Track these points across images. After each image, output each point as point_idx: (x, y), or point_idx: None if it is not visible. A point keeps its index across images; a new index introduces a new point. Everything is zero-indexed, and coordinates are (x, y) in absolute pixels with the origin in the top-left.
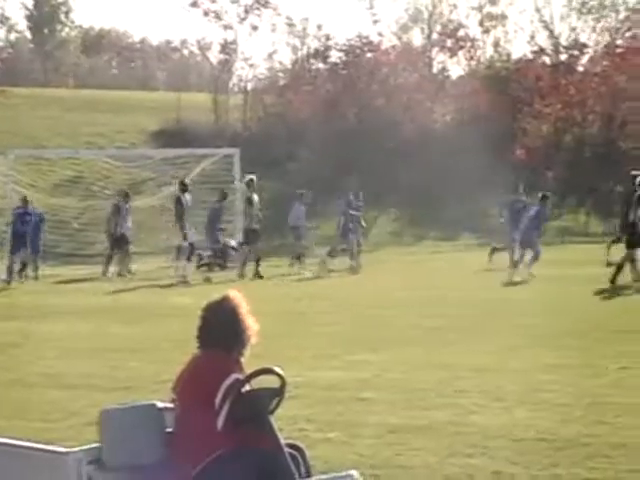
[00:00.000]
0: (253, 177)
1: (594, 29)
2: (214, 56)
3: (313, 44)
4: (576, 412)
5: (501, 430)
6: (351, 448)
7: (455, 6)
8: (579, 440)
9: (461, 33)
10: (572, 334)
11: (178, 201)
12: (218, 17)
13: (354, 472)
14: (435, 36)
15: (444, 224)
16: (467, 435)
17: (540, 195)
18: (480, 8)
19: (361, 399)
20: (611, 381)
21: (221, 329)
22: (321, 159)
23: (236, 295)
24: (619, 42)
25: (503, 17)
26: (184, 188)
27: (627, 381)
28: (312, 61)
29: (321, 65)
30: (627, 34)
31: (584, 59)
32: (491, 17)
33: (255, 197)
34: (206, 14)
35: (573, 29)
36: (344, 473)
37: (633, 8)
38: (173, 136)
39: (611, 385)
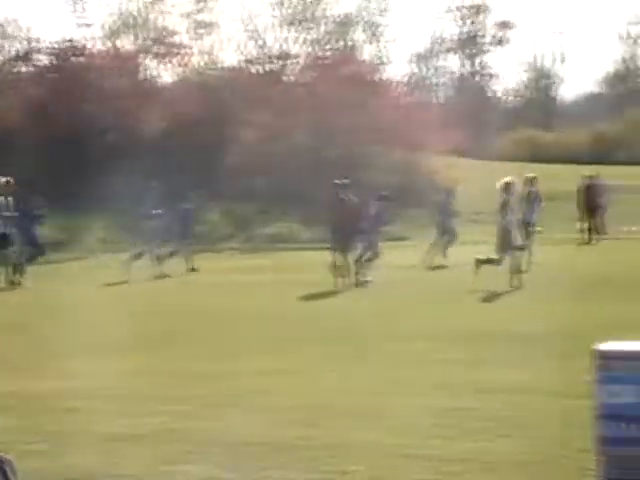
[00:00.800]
0: (10, 179)
1: (300, 40)
2: None
3: (18, 46)
4: (291, 416)
5: (215, 435)
6: (62, 459)
7: (164, 12)
8: (292, 443)
9: (172, 40)
10: (291, 339)
11: None
12: None
13: None
14: (145, 42)
15: None
16: (181, 442)
17: (379, 195)
18: (189, 15)
19: (72, 409)
20: (326, 385)
21: None
22: (29, 164)
23: None
24: (324, 54)
25: (213, 25)
26: None
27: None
28: (17, 64)
29: (27, 68)
30: (331, 46)
31: (292, 69)
32: (202, 25)
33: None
34: None
35: (281, 39)
36: None
37: (337, 21)
38: None
39: (326, 388)
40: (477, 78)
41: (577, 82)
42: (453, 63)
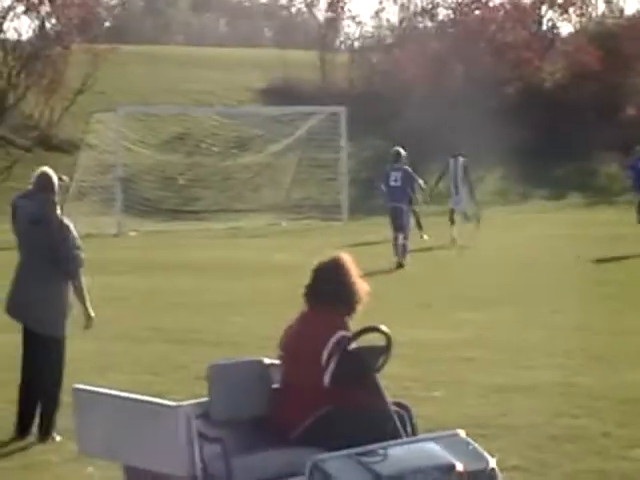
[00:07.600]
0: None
1: None
2: (321, 14)
3: (421, 2)
4: None
5: (607, 391)
6: (456, 407)
7: None
8: None
9: None
10: None
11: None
12: None
13: (460, 431)
14: None
15: (551, 183)
16: (573, 396)
17: None
18: None
19: (465, 358)
20: None
21: (332, 288)
22: (426, 118)
23: (347, 256)
24: None
25: None
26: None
27: None
28: (419, 19)
29: (429, 23)
30: None
31: None
32: None
33: None
34: None
35: None
36: (450, 432)
37: None
38: (280, 94)
39: None
40: None
41: None
42: None
